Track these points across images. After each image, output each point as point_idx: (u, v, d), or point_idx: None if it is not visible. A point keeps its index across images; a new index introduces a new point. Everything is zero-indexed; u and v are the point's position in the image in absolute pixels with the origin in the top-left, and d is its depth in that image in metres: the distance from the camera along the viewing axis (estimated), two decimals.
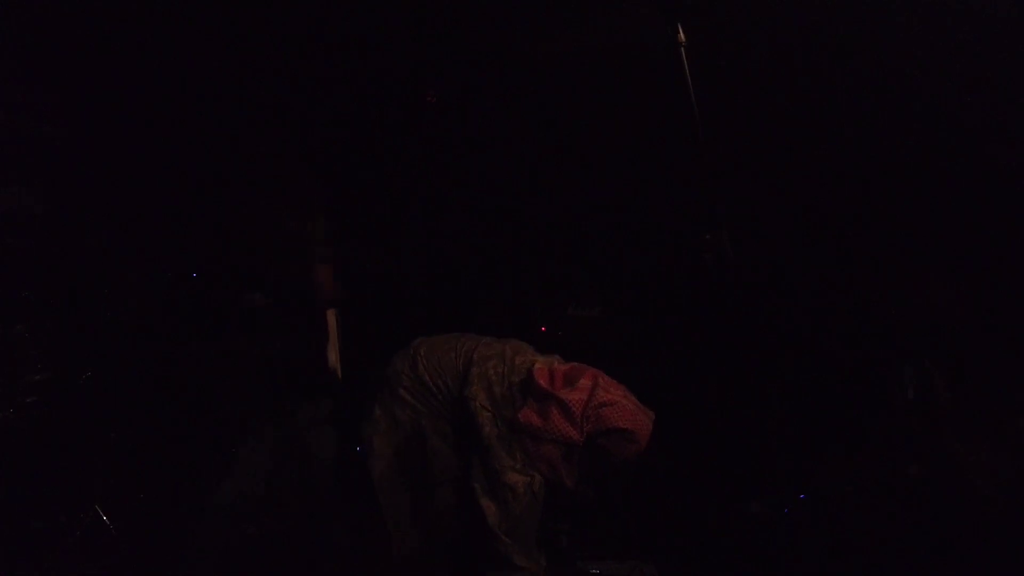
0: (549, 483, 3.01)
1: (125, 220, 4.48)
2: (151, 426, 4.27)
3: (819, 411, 2.88)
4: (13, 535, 3.68)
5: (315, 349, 4.58)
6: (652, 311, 4.67)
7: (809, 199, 3.14)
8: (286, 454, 4.30)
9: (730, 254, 2.47)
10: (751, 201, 3.08)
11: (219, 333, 4.49)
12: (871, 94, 3.02)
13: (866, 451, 3.16)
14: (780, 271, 3.15)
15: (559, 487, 3.05)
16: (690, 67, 2.51)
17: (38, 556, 3.69)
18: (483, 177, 5.02)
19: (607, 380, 3.10)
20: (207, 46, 4.48)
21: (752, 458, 3.63)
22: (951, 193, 2.74)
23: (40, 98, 4.27)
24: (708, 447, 4.03)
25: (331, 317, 4.51)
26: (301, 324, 4.56)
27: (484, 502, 2.95)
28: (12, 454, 3.74)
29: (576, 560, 4.09)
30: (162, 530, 4.14)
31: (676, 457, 4.26)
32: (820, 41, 3.14)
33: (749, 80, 3.25)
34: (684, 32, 2.55)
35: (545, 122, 4.60)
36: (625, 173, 4.62)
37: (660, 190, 4.40)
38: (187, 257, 4.47)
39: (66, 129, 4.48)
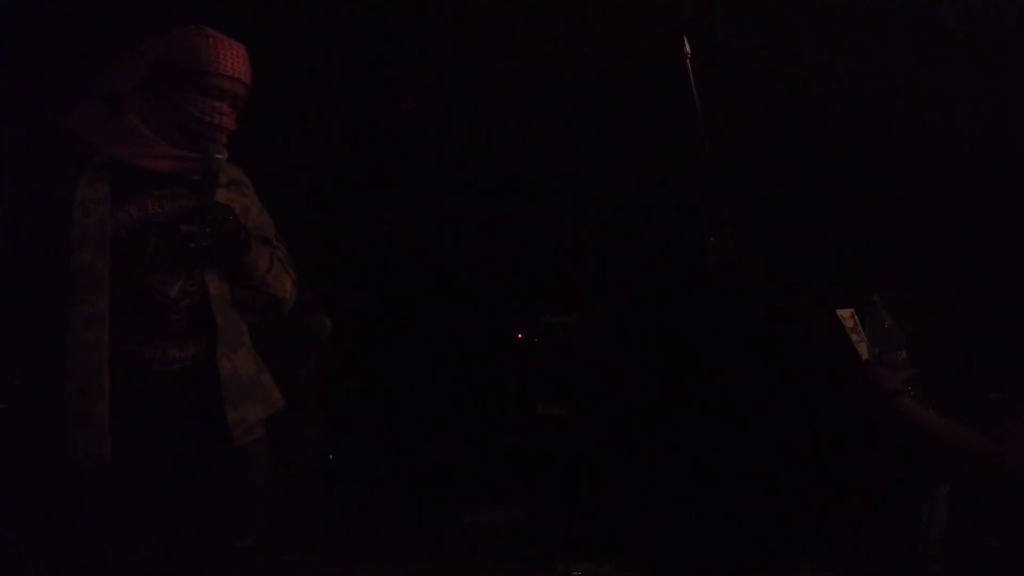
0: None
1: None
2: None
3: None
4: None
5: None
6: (628, 317, 4.72)
7: (813, 201, 3.20)
8: None
9: (735, 257, 2.53)
10: (754, 204, 3.14)
11: None
12: (877, 98, 3.09)
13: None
14: (784, 274, 3.20)
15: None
16: (695, 77, 2.58)
17: (10, 565, 3.57)
18: (461, 183, 5.03)
19: None
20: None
21: (739, 466, 3.69)
22: (955, 198, 2.82)
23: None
24: (691, 451, 4.08)
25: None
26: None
27: None
28: None
29: (558, 562, 4.12)
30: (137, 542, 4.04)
31: (657, 459, 4.32)
32: (825, 48, 3.20)
33: (753, 88, 3.30)
34: (689, 43, 2.62)
35: (527, 128, 4.62)
36: (601, 179, 4.67)
37: (635, 196, 4.46)
38: None
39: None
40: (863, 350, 2.30)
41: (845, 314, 2.40)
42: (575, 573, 4.06)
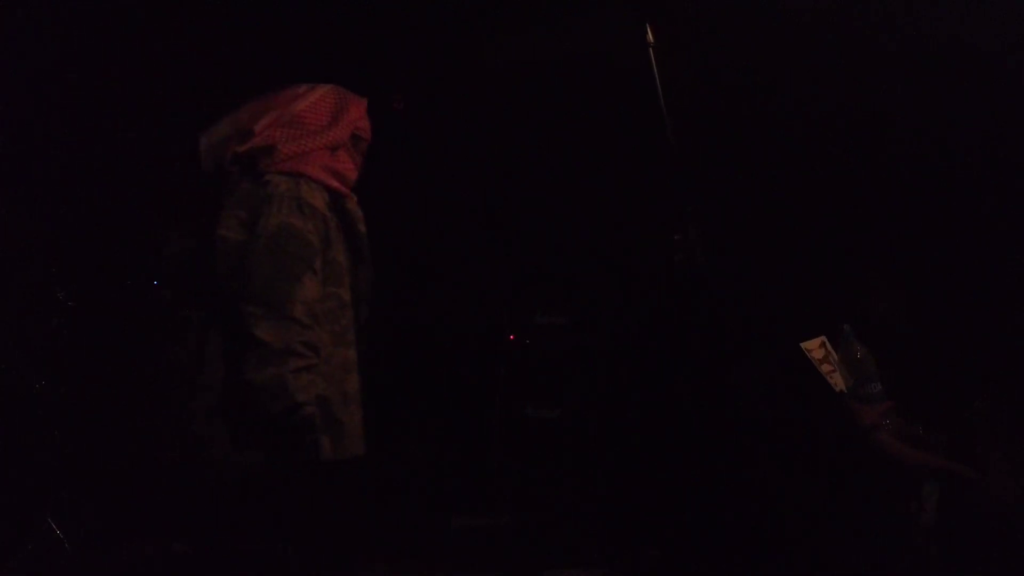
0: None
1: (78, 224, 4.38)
2: (104, 434, 4.17)
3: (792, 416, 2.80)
4: None
5: None
6: (619, 319, 4.67)
7: (779, 199, 3.14)
8: None
9: (699, 254, 2.45)
10: (720, 202, 3.08)
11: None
12: (841, 93, 3.02)
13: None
14: (750, 272, 3.14)
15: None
16: (658, 68, 2.50)
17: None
18: (449, 184, 5.00)
19: None
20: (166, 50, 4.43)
21: (722, 464, 3.62)
22: (923, 196, 2.75)
23: None
24: (675, 453, 4.02)
25: None
26: None
27: None
28: None
29: (544, 568, 4.07)
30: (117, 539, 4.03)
31: (642, 463, 4.26)
32: (790, 40, 3.15)
33: (719, 81, 3.25)
34: (652, 33, 2.54)
35: (512, 128, 4.59)
36: (591, 180, 4.63)
37: (626, 197, 4.41)
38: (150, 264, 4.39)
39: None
40: (837, 379, 2.19)
41: (814, 344, 2.31)
42: None
